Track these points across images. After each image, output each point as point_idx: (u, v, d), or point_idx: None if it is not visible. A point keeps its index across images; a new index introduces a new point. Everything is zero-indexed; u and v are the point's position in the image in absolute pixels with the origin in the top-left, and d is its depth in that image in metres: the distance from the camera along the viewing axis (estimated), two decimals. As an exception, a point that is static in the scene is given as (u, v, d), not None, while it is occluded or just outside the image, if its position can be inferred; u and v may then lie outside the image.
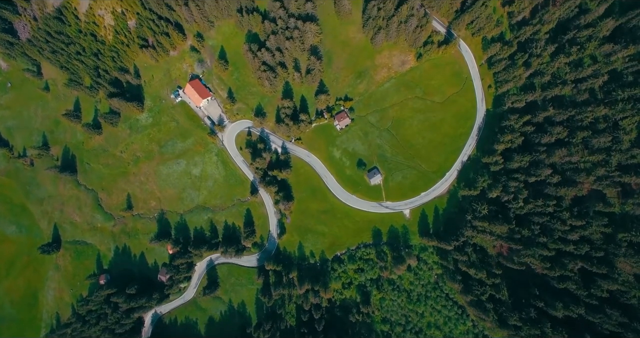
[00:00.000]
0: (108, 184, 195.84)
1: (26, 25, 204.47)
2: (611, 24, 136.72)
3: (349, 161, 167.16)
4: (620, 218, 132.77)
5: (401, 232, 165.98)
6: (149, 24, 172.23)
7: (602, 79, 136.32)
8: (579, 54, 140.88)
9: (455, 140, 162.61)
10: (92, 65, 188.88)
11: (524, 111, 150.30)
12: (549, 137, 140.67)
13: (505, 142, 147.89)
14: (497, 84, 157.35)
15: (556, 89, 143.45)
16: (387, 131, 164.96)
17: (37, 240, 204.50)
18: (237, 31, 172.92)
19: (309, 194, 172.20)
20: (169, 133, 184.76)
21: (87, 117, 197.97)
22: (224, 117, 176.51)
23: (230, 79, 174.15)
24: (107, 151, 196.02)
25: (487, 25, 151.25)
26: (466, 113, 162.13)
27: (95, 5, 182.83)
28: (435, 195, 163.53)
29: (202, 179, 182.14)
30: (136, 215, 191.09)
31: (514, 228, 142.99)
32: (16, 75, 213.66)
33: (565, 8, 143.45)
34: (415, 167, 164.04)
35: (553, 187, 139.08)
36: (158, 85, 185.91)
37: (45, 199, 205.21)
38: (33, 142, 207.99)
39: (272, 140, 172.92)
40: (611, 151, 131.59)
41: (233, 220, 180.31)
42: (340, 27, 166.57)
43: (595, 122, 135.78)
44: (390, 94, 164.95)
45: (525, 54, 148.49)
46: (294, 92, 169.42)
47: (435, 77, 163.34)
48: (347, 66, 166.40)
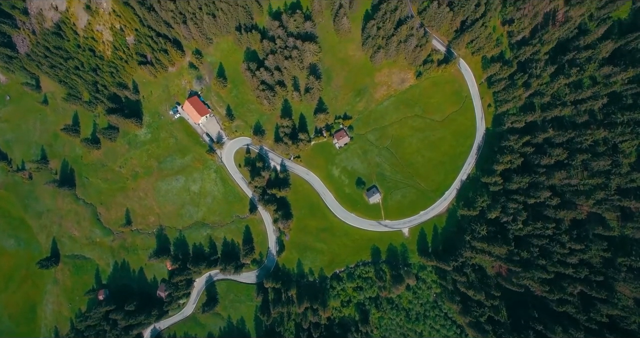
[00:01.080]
0: (107, 199, 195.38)
1: (25, 39, 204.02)
2: (610, 46, 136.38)
3: (348, 179, 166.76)
4: (619, 241, 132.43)
5: (400, 250, 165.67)
6: (148, 40, 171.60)
7: (601, 101, 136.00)
8: (578, 75, 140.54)
9: (454, 159, 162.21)
10: (90, 80, 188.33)
11: (523, 131, 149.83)
12: (549, 159, 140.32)
13: (505, 163, 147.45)
14: (497, 103, 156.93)
15: (556, 110, 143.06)
16: (386, 149, 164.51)
17: (36, 254, 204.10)
18: (236, 48, 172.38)
19: (308, 212, 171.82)
20: (168, 149, 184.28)
21: (86, 132, 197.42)
22: (222, 134, 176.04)
23: (229, 96, 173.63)
24: (106, 166, 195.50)
25: (486, 45, 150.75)
26: (466, 132, 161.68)
27: (94, 21, 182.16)
28: (434, 214, 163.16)
29: (201, 196, 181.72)
30: (135, 230, 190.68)
31: (513, 250, 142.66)
32: (15, 88, 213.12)
33: (565, 29, 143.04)
34: (415, 185, 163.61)
35: (552, 209, 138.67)
36: (156, 101, 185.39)
37: (44, 213, 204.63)
38: (32, 155, 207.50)
39: (271, 157, 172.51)
40: (610, 174, 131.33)
41: (232, 237, 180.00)
42: (340, 45, 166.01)
43: (595, 145, 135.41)
44: (390, 112, 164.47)
45: (525, 74, 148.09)
46: (293, 109, 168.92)
47: (435, 95, 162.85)
48: (346, 84, 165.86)
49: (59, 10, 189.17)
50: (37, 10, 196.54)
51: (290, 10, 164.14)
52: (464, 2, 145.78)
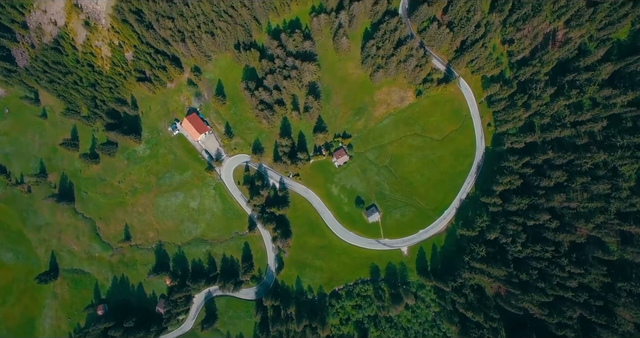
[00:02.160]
0: (106, 214, 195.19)
1: (24, 52, 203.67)
2: (610, 68, 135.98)
3: (347, 198, 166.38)
4: (619, 264, 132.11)
5: (399, 269, 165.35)
6: (146, 57, 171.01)
7: (601, 124, 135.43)
8: (578, 97, 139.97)
9: (454, 178, 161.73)
10: (89, 95, 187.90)
11: (523, 152, 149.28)
12: (548, 181, 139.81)
13: (504, 184, 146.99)
14: (497, 123, 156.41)
15: (556, 132, 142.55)
16: (385, 168, 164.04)
17: (35, 267, 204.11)
18: (235, 65, 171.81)
19: (307, 230, 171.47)
20: (167, 165, 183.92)
21: (85, 146, 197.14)
22: (221, 151, 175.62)
23: (228, 114, 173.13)
24: (105, 180, 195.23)
25: (487, 65, 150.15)
26: (465, 151, 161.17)
27: (93, 37, 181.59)
28: (433, 233, 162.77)
29: (200, 212, 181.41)
30: (134, 245, 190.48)
31: (512, 271, 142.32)
32: (13, 101, 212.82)
33: (565, 50, 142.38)
34: (414, 204, 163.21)
35: (551, 231, 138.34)
36: (155, 116, 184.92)
37: (43, 227, 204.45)
38: (30, 168, 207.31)
39: (270, 175, 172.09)
40: (610, 198, 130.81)
41: (231, 253, 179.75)
42: (339, 63, 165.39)
43: (595, 168, 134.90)
44: (389, 130, 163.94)
45: (525, 94, 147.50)
46: (292, 127, 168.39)
47: (435, 114, 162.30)
48: (345, 102, 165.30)
49: (58, 25, 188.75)
50: (36, 24, 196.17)
51: (289, 28, 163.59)
52: (464, 23, 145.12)
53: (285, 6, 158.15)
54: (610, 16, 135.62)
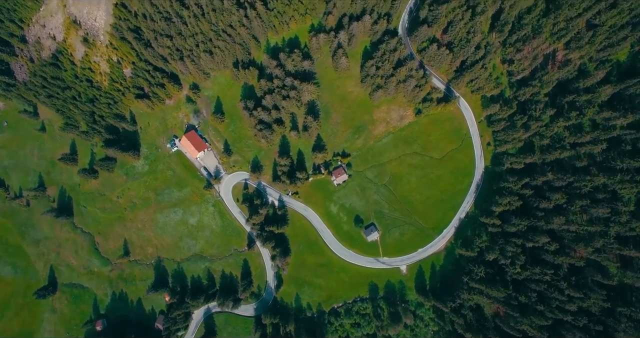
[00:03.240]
0: (104, 228, 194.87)
1: (22, 66, 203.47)
2: (609, 90, 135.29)
3: (346, 217, 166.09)
4: (619, 288, 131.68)
5: (398, 287, 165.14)
6: (144, 74, 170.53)
7: (600, 147, 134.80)
8: (578, 118, 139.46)
9: (453, 196, 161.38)
10: (87, 110, 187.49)
11: (522, 173, 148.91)
12: (548, 203, 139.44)
13: (503, 205, 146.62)
14: (496, 143, 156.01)
15: (555, 153, 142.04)
16: (384, 187, 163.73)
17: (33, 281, 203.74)
18: (234, 82, 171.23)
19: (306, 247, 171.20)
20: (166, 182, 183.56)
21: (84, 161, 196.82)
22: (220, 168, 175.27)
23: (227, 131, 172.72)
24: (104, 195, 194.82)
25: (486, 86, 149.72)
26: (464, 170, 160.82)
27: (91, 53, 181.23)
28: (432, 251, 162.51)
29: (199, 229, 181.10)
30: (133, 261, 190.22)
31: (511, 293, 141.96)
32: (12, 115, 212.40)
33: (565, 71, 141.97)
34: (413, 223, 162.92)
35: (551, 254, 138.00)
36: (154, 132, 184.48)
37: (42, 241, 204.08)
38: (29, 182, 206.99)
39: (269, 192, 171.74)
40: (610, 222, 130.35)
41: (230, 270, 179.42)
42: (338, 81, 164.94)
43: (595, 191, 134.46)
44: (388, 149, 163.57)
45: (524, 115, 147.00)
46: (291, 145, 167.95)
47: (434, 132, 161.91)
48: (344, 121, 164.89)
49: (57, 40, 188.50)
50: (35, 38, 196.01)
51: (288, 46, 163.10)
52: (464, 44, 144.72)
53: (284, 24, 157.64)
54: (610, 38, 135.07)
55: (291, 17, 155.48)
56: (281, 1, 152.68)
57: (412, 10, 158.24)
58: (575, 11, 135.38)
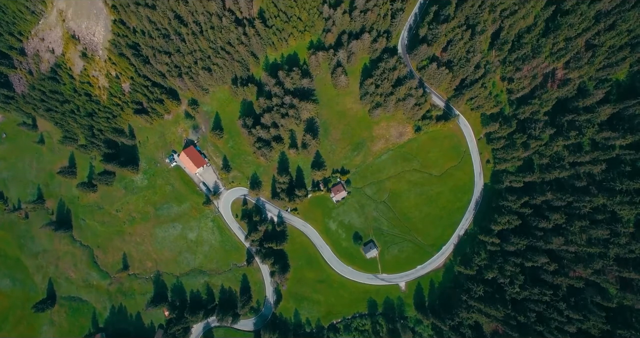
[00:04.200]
0: (103, 242, 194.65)
1: (21, 78, 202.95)
2: (609, 110, 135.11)
3: (345, 233, 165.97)
4: (619, 310, 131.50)
5: (397, 303, 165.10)
6: (143, 90, 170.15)
7: (600, 167, 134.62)
8: (577, 138, 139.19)
9: (452, 213, 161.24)
10: (86, 124, 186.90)
11: (522, 191, 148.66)
12: (547, 223, 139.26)
13: (502, 223, 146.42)
14: (496, 160, 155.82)
15: (555, 172, 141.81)
16: (383, 204, 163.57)
17: (32, 294, 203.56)
18: (232, 98, 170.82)
19: (305, 263, 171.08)
20: (165, 196, 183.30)
21: (82, 173, 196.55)
22: (219, 184, 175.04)
23: (226, 147, 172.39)
24: (103, 209, 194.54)
25: (486, 104, 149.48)
26: (464, 187, 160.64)
27: (90, 67, 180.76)
28: (431, 268, 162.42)
29: (198, 244, 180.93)
30: (132, 274, 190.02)
31: (510, 313, 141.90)
32: (11, 126, 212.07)
33: (565, 90, 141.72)
34: (412, 240, 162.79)
35: (550, 274, 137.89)
36: (153, 147, 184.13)
37: (40, 253, 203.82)
38: (28, 194, 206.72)
39: (267, 208, 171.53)
40: (609, 243, 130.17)
41: (229, 285, 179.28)
42: (337, 98, 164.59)
43: (594, 212, 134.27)
44: (388, 166, 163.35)
45: (524, 134, 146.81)
46: (290, 162, 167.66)
47: (433, 149, 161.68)
48: (343, 137, 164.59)
49: (55, 53, 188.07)
50: (34, 51, 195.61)
51: (287, 63, 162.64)
52: (463, 63, 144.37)
53: (283, 41, 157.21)
54: (609, 59, 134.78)
55: (290, 34, 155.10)
56: (280, 18, 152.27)
57: (412, 28, 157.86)
58: (574, 31, 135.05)
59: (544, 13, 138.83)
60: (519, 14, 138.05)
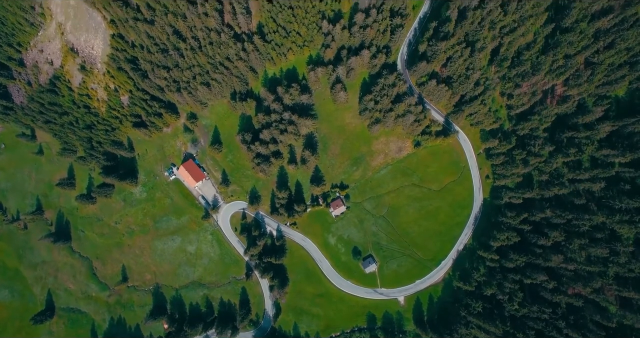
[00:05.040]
0: (102, 254, 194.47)
1: (20, 89, 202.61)
2: (608, 128, 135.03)
3: (344, 248, 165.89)
4: (619, 329, 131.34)
5: (395, 318, 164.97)
6: (142, 103, 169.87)
7: (599, 185, 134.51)
8: (577, 155, 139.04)
9: (451, 228, 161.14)
10: (85, 136, 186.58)
11: (521, 207, 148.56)
12: (546, 240, 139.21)
13: (501, 240, 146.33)
14: (495, 176, 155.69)
15: (554, 189, 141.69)
16: (382, 218, 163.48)
17: (30, 305, 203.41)
18: (231, 112, 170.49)
19: (304, 277, 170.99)
20: (164, 209, 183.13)
21: (81, 185, 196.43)
22: (218, 197, 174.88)
23: (225, 161, 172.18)
24: (102, 220, 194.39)
25: (485, 120, 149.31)
26: (463, 202, 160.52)
27: (89, 80, 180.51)
28: (430, 283, 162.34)
29: (197, 257, 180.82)
30: (131, 286, 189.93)
31: (508, 330, 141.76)
32: (9, 137, 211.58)
33: (564, 107, 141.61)
34: (411, 255, 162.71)
35: (549, 292, 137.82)
36: (152, 160, 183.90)
37: (39, 264, 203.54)
38: (27, 205, 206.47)
39: (267, 222, 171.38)
40: (608, 262, 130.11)
41: (229, 298, 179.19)
42: (336, 112, 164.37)
43: (593, 230, 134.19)
44: (387, 180, 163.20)
45: (523, 151, 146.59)
46: (289, 176, 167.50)
47: (433, 164, 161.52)
48: (343, 152, 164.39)
49: (54, 65, 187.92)
50: (33, 62, 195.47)
51: (286, 77, 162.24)
52: (463, 80, 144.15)
53: (281, 56, 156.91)
54: (608, 76, 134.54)
55: (289, 49, 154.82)
56: (279, 33, 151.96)
57: (412, 43, 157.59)
58: (574, 49, 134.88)
59: (543, 30, 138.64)
60: (518, 31, 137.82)
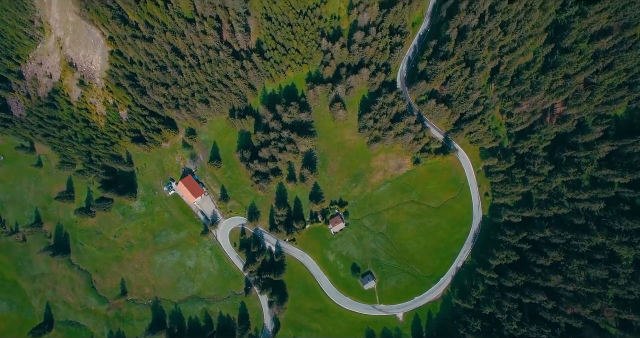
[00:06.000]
0: (102, 267, 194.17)
1: (19, 101, 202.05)
2: (607, 148, 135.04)
3: (343, 264, 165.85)
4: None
5: (394, 334, 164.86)
6: (140, 119, 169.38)
7: (599, 206, 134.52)
8: (576, 175, 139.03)
9: (450, 245, 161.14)
10: (84, 150, 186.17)
11: (520, 225, 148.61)
12: (545, 260, 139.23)
13: (500, 259, 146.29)
14: (494, 194, 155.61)
15: (553, 209, 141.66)
16: (381, 235, 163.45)
17: (29, 318, 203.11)
18: (230, 128, 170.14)
19: (303, 292, 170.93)
20: (163, 224, 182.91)
21: (80, 198, 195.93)
22: (217, 213, 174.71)
23: (224, 177, 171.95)
24: (101, 234, 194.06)
25: (485, 138, 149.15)
26: (462, 219, 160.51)
27: (87, 94, 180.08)
28: (429, 299, 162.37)
29: (196, 271, 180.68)
30: (130, 300, 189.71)
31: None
32: (8, 149, 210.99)
33: (564, 126, 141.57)
34: (410, 271, 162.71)
35: (548, 312, 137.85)
36: (151, 174, 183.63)
37: (38, 277, 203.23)
38: (25, 217, 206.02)
39: (266, 238, 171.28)
40: (608, 284, 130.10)
41: (228, 312, 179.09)
42: (336, 129, 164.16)
43: (593, 251, 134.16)
44: (386, 197, 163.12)
45: (522, 169, 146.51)
46: (288, 192, 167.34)
47: (432, 181, 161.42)
48: (342, 169, 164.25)
49: (53, 79, 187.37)
50: (32, 74, 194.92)
51: (285, 94, 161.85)
52: (463, 100, 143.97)
53: (280, 73, 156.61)
54: (608, 96, 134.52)
55: (288, 66, 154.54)
56: (278, 51, 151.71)
57: (411, 60, 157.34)
58: (573, 69, 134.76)
59: (543, 50, 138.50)
60: (518, 51, 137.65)
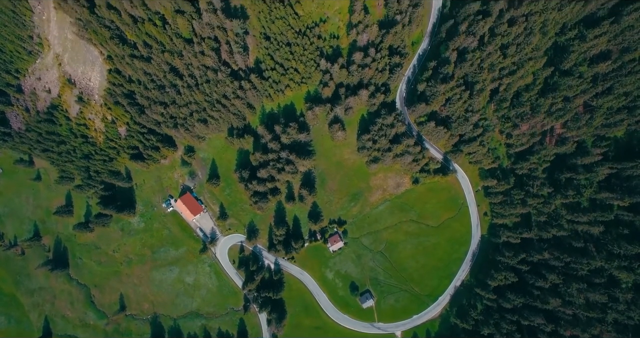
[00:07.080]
0: (101, 282, 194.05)
1: (18, 115, 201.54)
2: (607, 171, 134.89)
3: (341, 283, 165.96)
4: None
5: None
6: (139, 136, 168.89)
7: (598, 229, 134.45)
8: (575, 197, 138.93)
9: (449, 265, 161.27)
10: (82, 166, 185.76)
11: (519, 246, 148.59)
12: (544, 282, 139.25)
13: (499, 280, 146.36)
14: (493, 214, 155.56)
15: (552, 231, 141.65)
16: (380, 254, 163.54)
17: (27, 332, 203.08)
18: (229, 146, 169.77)
19: (302, 310, 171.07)
20: (161, 240, 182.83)
21: (79, 212, 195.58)
22: (216, 230, 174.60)
23: (222, 195, 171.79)
24: (100, 248, 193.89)
25: (484, 160, 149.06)
26: (461, 238, 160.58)
27: (86, 110, 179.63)
28: (427, 318, 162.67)
29: (195, 287, 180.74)
30: (129, 315, 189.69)
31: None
32: (7, 162, 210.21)
33: (563, 148, 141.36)
34: (408, 290, 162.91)
35: (546, 335, 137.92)
36: (149, 190, 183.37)
37: (36, 291, 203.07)
38: (24, 230, 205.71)
39: (265, 255, 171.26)
40: (607, 308, 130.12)
41: (227, 328, 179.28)
42: (335, 149, 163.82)
43: (592, 275, 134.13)
44: (385, 216, 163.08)
45: (522, 191, 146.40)
46: (287, 211, 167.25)
47: (431, 201, 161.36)
48: (341, 188, 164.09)
49: (52, 94, 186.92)
50: (31, 88, 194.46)
51: (283, 113, 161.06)
52: (462, 122, 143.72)
53: (279, 92, 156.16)
54: (607, 119, 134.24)
55: (287, 85, 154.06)
56: (277, 71, 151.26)
57: (410, 80, 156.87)
58: (573, 92, 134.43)
59: (542, 72, 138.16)
60: (518, 73, 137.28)
